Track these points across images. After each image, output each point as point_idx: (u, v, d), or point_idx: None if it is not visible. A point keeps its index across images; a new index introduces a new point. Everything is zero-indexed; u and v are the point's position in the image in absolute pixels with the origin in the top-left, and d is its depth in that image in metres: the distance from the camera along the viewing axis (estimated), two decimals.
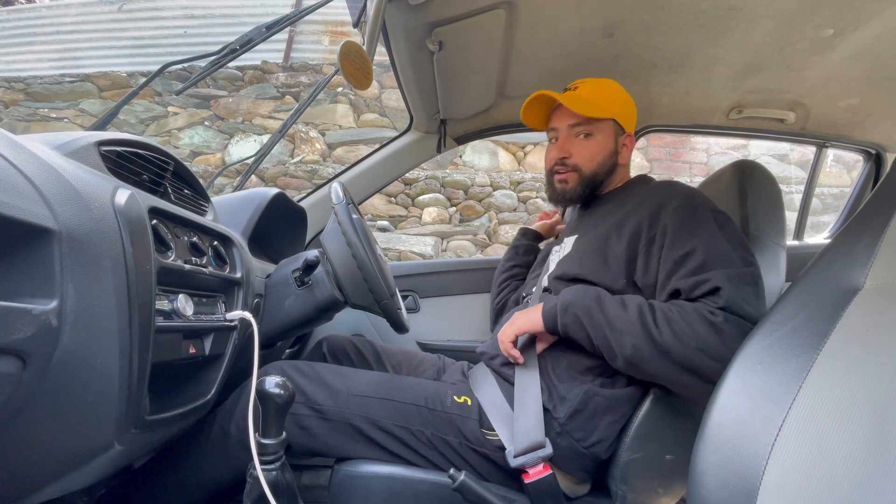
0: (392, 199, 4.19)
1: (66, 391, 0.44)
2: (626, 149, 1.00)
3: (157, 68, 1.02)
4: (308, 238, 1.35)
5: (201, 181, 0.82)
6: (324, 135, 4.67)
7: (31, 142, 0.49)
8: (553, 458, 0.76)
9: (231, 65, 2.83)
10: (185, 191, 0.76)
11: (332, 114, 4.69)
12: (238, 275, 0.76)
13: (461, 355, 1.25)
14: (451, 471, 0.72)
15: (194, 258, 0.65)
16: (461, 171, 4.48)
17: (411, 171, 2.92)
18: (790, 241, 1.64)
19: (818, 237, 1.76)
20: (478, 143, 4.53)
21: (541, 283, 0.97)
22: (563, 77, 1.18)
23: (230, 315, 0.71)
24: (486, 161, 4.65)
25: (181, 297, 0.60)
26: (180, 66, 1.69)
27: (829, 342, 0.48)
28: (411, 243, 3.81)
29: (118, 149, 0.62)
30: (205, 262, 0.68)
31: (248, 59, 4.15)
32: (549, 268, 0.97)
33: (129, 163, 0.63)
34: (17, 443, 0.42)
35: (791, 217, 1.46)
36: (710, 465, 0.52)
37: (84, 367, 0.45)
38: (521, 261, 1.27)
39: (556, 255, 0.99)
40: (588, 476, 0.81)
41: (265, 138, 3.66)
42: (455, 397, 0.84)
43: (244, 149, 4.64)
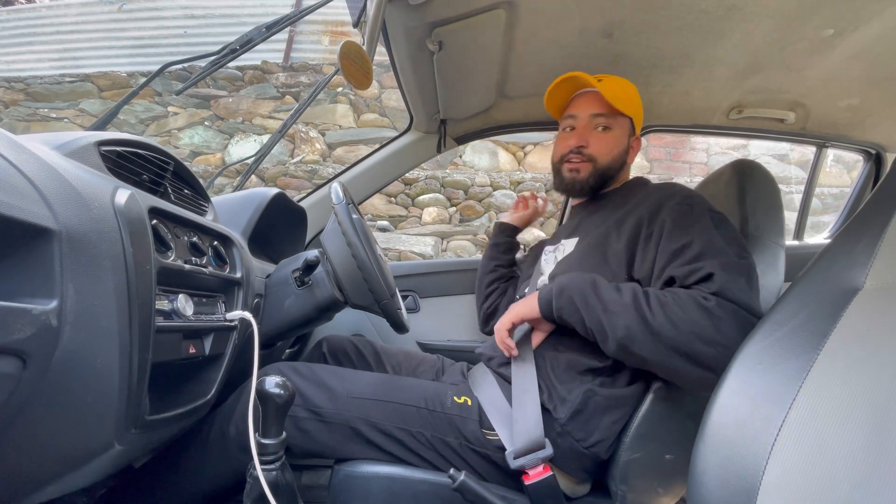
0: (392, 199, 4.19)
1: (66, 391, 0.44)
2: (632, 150, 1.01)
3: (157, 68, 1.02)
4: (308, 238, 1.35)
5: (201, 181, 0.82)
6: (324, 135, 4.67)
7: (31, 142, 0.49)
8: (553, 459, 0.76)
9: (231, 65, 2.83)
10: (185, 191, 0.76)
11: (332, 114, 4.69)
12: (238, 275, 0.76)
13: (461, 355, 1.25)
14: (451, 471, 0.72)
15: (194, 258, 0.65)
16: (461, 171, 4.48)
17: (411, 171, 2.92)
18: (790, 241, 1.64)
19: (818, 237, 1.76)
20: (478, 143, 4.53)
21: (535, 284, 0.97)
22: None
23: (230, 315, 0.71)
24: (486, 161, 4.65)
25: (181, 297, 0.60)
26: (180, 66, 1.69)
27: (829, 342, 0.48)
28: (411, 243, 3.81)
29: (118, 149, 0.62)
30: (205, 262, 0.68)
31: (248, 59, 4.15)
32: (546, 267, 0.97)
33: (129, 163, 0.63)
34: (17, 443, 0.42)
35: (791, 217, 1.46)
36: (710, 465, 0.52)
37: (84, 367, 0.45)
38: (503, 260, 1.27)
39: (552, 254, 0.99)
40: (588, 476, 0.81)
41: (265, 138, 3.66)
42: (455, 398, 0.83)
43: (244, 149, 4.64)
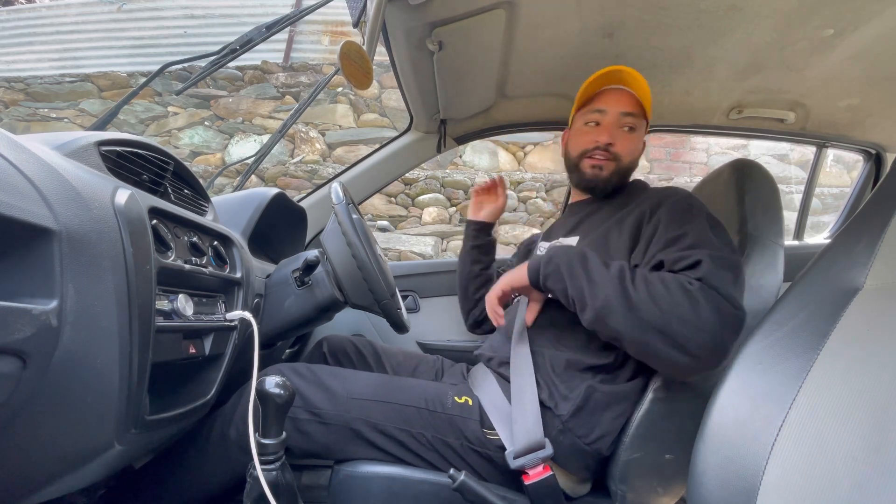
0: (392, 199, 4.19)
1: (66, 391, 0.44)
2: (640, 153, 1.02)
3: (157, 68, 1.02)
4: (308, 238, 1.35)
5: (201, 181, 0.82)
6: (324, 135, 4.67)
7: (31, 142, 0.49)
8: (555, 457, 0.76)
9: (231, 65, 2.83)
10: (185, 191, 0.76)
11: (332, 114, 4.69)
12: (238, 275, 0.76)
13: (461, 355, 1.25)
14: (451, 471, 0.72)
15: (194, 258, 0.65)
16: (461, 171, 4.48)
17: (411, 171, 2.92)
18: (790, 241, 1.64)
19: (818, 237, 1.75)
20: (478, 143, 4.53)
21: None
22: (564, 77, 1.18)
23: (230, 315, 0.71)
24: (486, 161, 4.65)
25: (181, 297, 0.60)
26: (180, 66, 1.69)
27: (829, 342, 0.48)
28: (411, 243, 3.81)
29: (118, 149, 0.62)
30: (205, 262, 0.68)
31: (248, 59, 4.14)
32: None
33: (129, 163, 0.63)
34: (17, 443, 0.42)
35: (791, 217, 1.46)
36: (710, 465, 0.52)
37: (84, 367, 0.45)
38: (486, 261, 1.24)
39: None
40: (590, 475, 0.81)
41: (265, 138, 3.66)
42: (456, 398, 0.83)
43: (244, 149, 4.64)
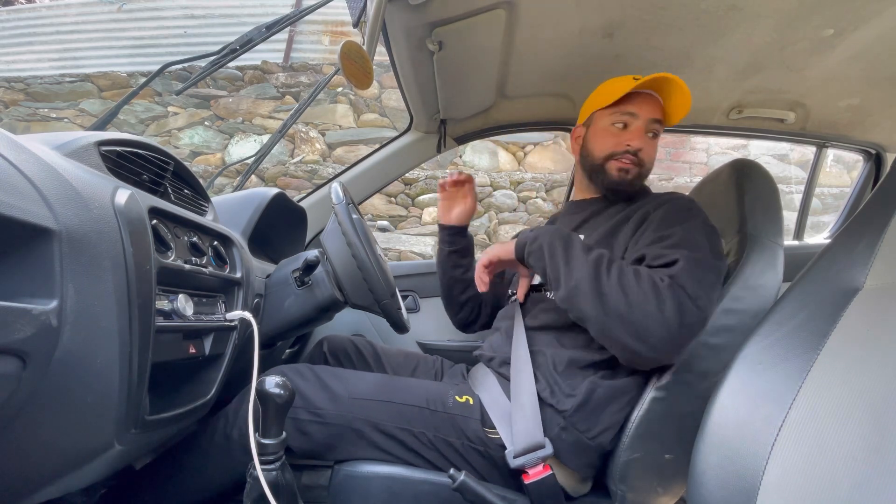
0: (392, 199, 4.19)
1: (66, 391, 0.44)
2: None
3: (157, 68, 1.02)
4: (308, 238, 1.35)
5: (201, 181, 0.82)
6: (324, 135, 4.68)
7: (31, 142, 0.49)
8: (559, 455, 0.77)
9: (231, 65, 2.83)
10: (185, 191, 0.76)
11: (332, 114, 4.69)
12: (238, 275, 0.76)
13: (461, 355, 1.25)
14: (451, 471, 0.72)
15: (194, 258, 0.65)
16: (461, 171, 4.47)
17: (411, 171, 2.92)
18: (790, 241, 1.64)
19: (818, 237, 1.76)
20: (478, 143, 4.53)
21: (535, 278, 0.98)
22: (564, 77, 1.18)
23: (230, 315, 0.71)
24: (486, 161, 4.65)
25: (181, 297, 0.60)
26: (180, 66, 1.69)
27: (829, 342, 0.48)
28: (411, 243, 3.81)
29: (118, 149, 0.62)
30: (205, 262, 0.68)
31: (248, 59, 4.15)
32: None
33: (129, 163, 0.63)
34: (17, 443, 0.42)
35: (791, 217, 1.46)
36: (710, 465, 0.52)
37: (84, 367, 0.45)
38: (466, 264, 1.18)
39: None
40: (592, 472, 0.81)
41: (265, 138, 3.66)
42: (457, 397, 0.84)
43: (244, 149, 4.64)
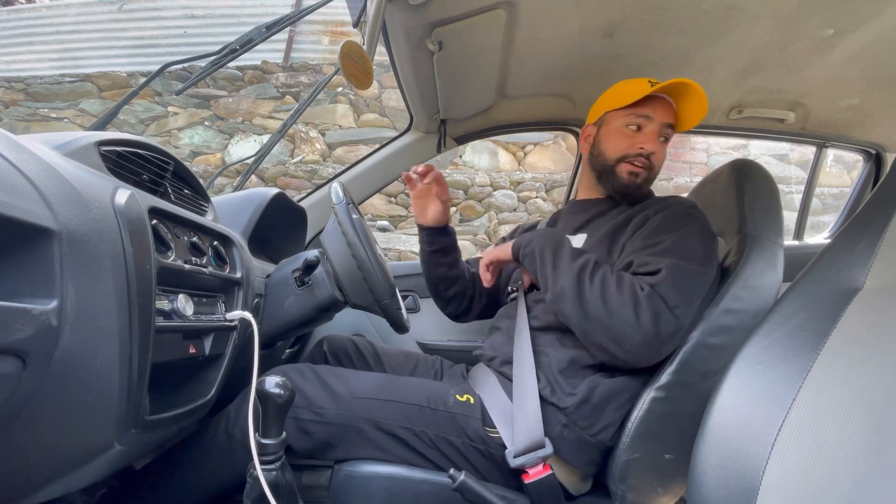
0: (392, 199, 4.19)
1: (66, 391, 0.44)
2: None
3: (157, 68, 1.02)
4: (308, 238, 1.35)
5: (201, 181, 0.82)
6: (324, 135, 4.68)
7: (31, 142, 0.49)
8: (561, 453, 0.77)
9: (231, 65, 2.83)
10: (185, 191, 0.76)
11: (332, 114, 4.69)
12: (238, 275, 0.76)
13: (461, 355, 1.25)
14: (451, 471, 0.72)
15: (194, 258, 0.65)
16: (461, 171, 4.48)
17: None
18: (790, 241, 1.64)
19: (818, 237, 1.76)
20: (478, 143, 4.53)
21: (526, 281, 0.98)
22: (564, 77, 1.18)
23: (230, 315, 0.71)
24: (486, 161, 4.65)
25: (181, 297, 0.60)
26: (180, 66, 1.69)
27: (829, 342, 0.48)
28: (411, 243, 3.81)
29: (118, 149, 0.62)
30: (205, 262, 0.68)
31: (248, 59, 4.15)
32: None
33: (129, 163, 0.63)
34: (17, 443, 0.42)
35: (791, 217, 1.46)
36: (710, 465, 0.52)
37: (84, 367, 0.45)
38: (450, 261, 1.13)
39: None
40: (593, 469, 0.82)
41: (265, 138, 3.66)
42: (457, 396, 0.84)
43: (244, 149, 4.64)
